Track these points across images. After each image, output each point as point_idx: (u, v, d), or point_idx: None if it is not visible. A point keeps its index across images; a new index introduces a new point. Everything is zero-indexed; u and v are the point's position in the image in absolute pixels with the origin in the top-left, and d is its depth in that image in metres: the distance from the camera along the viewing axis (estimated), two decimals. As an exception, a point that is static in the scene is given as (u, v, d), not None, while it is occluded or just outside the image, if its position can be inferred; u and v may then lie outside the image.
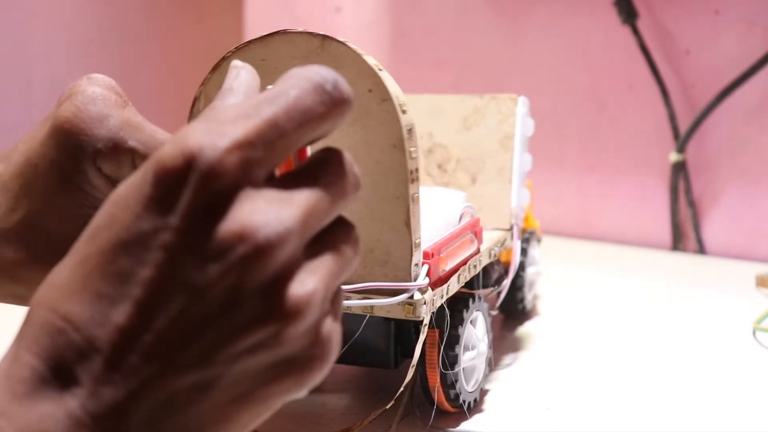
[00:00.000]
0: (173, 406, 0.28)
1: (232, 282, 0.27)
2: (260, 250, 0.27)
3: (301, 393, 0.30)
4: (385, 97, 0.41)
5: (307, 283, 0.28)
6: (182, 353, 0.27)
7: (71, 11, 0.98)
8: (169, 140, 0.28)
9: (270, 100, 0.29)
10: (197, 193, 0.27)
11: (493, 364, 0.56)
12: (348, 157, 0.31)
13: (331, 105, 0.30)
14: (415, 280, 0.44)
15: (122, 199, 0.28)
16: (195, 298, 0.27)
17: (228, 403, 0.28)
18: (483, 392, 0.52)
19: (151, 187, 0.27)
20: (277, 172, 0.30)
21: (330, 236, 0.31)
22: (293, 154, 0.32)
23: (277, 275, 0.28)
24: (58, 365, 0.27)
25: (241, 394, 0.28)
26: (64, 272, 0.28)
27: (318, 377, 0.30)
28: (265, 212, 0.27)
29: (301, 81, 0.29)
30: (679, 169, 0.91)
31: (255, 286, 0.27)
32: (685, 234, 0.92)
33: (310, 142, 0.31)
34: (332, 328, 0.30)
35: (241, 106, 0.29)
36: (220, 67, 0.44)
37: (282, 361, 0.28)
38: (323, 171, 0.30)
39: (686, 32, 0.90)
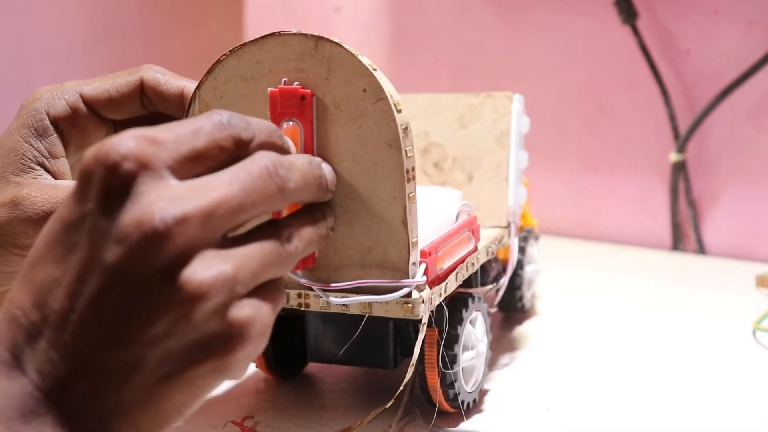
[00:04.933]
0: (110, 384, 0.30)
1: (135, 265, 0.30)
2: (157, 233, 0.30)
3: (234, 375, 0.32)
4: (380, 96, 0.42)
5: (213, 266, 0.31)
6: (105, 332, 0.30)
7: (71, 11, 0.98)
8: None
9: (176, 123, 0.33)
10: (107, 177, 0.30)
11: (493, 362, 0.56)
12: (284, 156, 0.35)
13: (228, 137, 0.34)
14: (413, 278, 0.44)
15: (63, 200, 0.33)
16: (110, 279, 0.30)
17: (156, 383, 0.31)
18: (482, 392, 0.52)
19: (78, 183, 0.31)
20: None
21: (265, 228, 0.34)
22: None
23: (175, 259, 0.30)
24: (16, 349, 0.30)
25: (168, 374, 0.31)
26: (24, 265, 0.32)
27: (241, 359, 0.32)
28: (166, 198, 0.30)
29: (205, 117, 0.34)
30: (679, 169, 0.91)
31: (156, 269, 0.30)
32: (685, 234, 0.92)
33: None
34: (249, 312, 0.32)
35: (152, 128, 0.32)
36: (215, 69, 0.44)
37: (199, 343, 0.31)
38: (248, 169, 0.33)
39: (686, 32, 0.90)
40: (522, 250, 0.63)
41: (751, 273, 0.78)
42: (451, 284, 0.48)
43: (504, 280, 0.57)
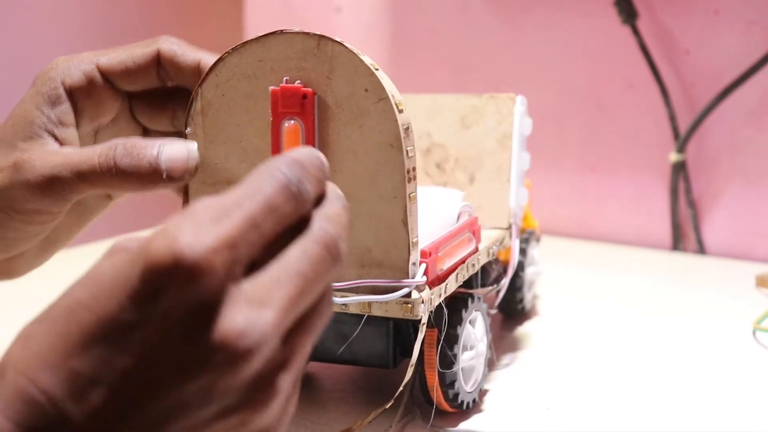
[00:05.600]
0: None
1: (206, 386, 0.28)
2: (238, 359, 0.28)
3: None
4: (382, 96, 0.42)
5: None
6: None
7: (71, 11, 0.98)
8: (158, 233, 0.29)
9: (248, 197, 0.30)
10: (183, 290, 0.28)
11: (494, 363, 0.56)
12: (332, 235, 0.32)
13: (296, 204, 0.32)
14: (413, 278, 0.44)
15: (107, 284, 0.29)
16: (167, 395, 0.28)
17: None
18: (482, 392, 0.52)
19: (138, 281, 0.28)
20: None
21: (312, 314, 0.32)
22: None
23: (256, 377, 0.29)
24: (29, 430, 0.28)
25: None
26: (43, 339, 0.29)
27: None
28: (245, 319, 0.28)
29: (271, 180, 0.31)
30: (679, 169, 0.91)
31: (236, 387, 0.29)
32: (685, 234, 0.92)
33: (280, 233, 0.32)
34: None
35: (221, 204, 0.30)
36: (217, 67, 0.44)
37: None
38: (302, 259, 0.31)
39: (686, 32, 0.90)
40: (523, 251, 0.63)
41: (751, 273, 0.78)
42: (451, 285, 0.48)
43: (505, 282, 0.57)
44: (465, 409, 0.49)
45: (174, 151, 0.43)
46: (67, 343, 0.29)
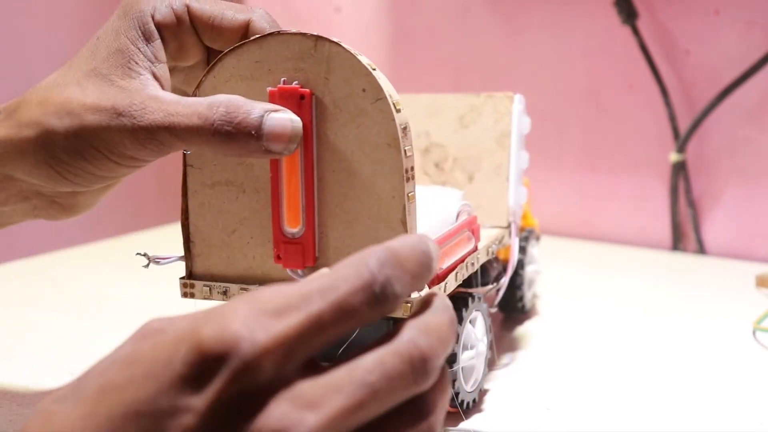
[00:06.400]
0: None
1: None
2: None
3: None
4: (379, 96, 0.42)
5: None
6: None
7: (71, 11, 0.98)
8: (210, 318, 0.27)
9: (320, 293, 0.28)
10: (229, 383, 0.26)
11: (495, 362, 0.56)
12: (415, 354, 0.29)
13: (376, 307, 0.28)
14: (412, 279, 0.44)
15: (146, 365, 0.27)
16: None
17: None
18: (482, 392, 0.52)
19: (182, 365, 0.26)
20: None
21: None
22: None
23: None
24: None
25: None
26: (66, 420, 0.27)
27: None
28: (289, 418, 0.26)
29: (352, 276, 0.28)
30: (679, 169, 0.91)
31: None
32: (685, 234, 0.92)
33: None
34: None
35: (288, 296, 0.28)
36: (214, 68, 0.44)
37: None
38: (374, 370, 0.28)
39: (686, 32, 0.90)
40: (523, 250, 0.63)
41: (751, 273, 0.78)
42: (451, 284, 0.48)
43: (504, 280, 0.57)
44: (465, 409, 0.49)
45: (277, 123, 0.41)
46: (92, 422, 0.27)
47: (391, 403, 0.28)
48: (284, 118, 0.41)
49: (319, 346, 0.28)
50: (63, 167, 0.44)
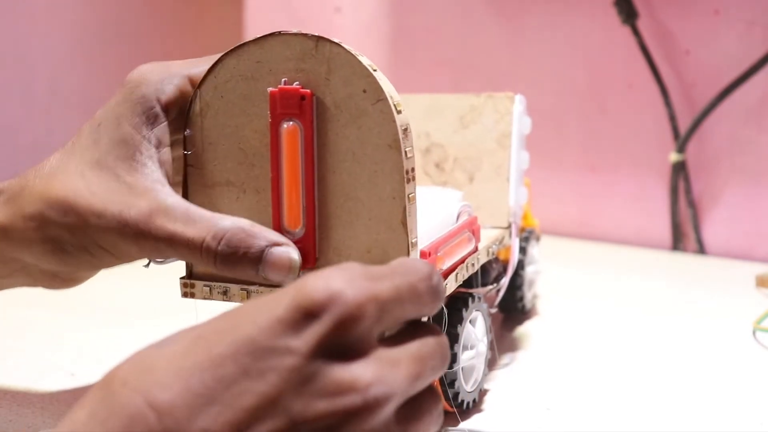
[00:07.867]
0: None
1: (331, 424, 0.29)
2: (367, 406, 0.29)
3: None
4: (380, 97, 0.42)
5: None
6: None
7: (71, 11, 0.98)
8: (311, 276, 0.30)
9: (400, 273, 0.32)
10: (332, 329, 0.29)
11: (495, 362, 0.56)
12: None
13: (434, 298, 0.33)
14: (412, 279, 0.44)
15: (248, 314, 0.29)
16: (291, 426, 0.28)
17: None
18: (482, 392, 0.52)
19: (286, 311, 0.29)
20: None
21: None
22: None
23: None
24: None
25: None
26: (161, 361, 0.29)
27: None
28: (377, 375, 0.30)
29: (414, 268, 0.33)
30: (679, 169, 0.91)
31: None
32: (685, 234, 0.92)
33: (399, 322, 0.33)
34: None
35: (370, 270, 0.31)
36: (215, 69, 0.44)
37: None
38: (422, 348, 0.33)
39: (686, 32, 0.90)
40: (523, 250, 0.63)
41: (751, 273, 0.78)
42: (451, 284, 0.48)
43: (505, 281, 0.57)
44: (465, 409, 0.49)
45: (276, 259, 0.42)
46: (189, 359, 0.28)
47: (432, 377, 0.33)
48: (283, 254, 0.42)
49: (392, 324, 0.32)
50: (69, 257, 0.44)
